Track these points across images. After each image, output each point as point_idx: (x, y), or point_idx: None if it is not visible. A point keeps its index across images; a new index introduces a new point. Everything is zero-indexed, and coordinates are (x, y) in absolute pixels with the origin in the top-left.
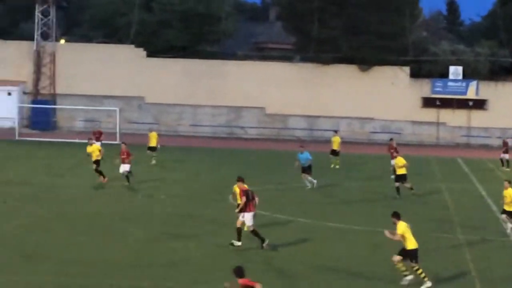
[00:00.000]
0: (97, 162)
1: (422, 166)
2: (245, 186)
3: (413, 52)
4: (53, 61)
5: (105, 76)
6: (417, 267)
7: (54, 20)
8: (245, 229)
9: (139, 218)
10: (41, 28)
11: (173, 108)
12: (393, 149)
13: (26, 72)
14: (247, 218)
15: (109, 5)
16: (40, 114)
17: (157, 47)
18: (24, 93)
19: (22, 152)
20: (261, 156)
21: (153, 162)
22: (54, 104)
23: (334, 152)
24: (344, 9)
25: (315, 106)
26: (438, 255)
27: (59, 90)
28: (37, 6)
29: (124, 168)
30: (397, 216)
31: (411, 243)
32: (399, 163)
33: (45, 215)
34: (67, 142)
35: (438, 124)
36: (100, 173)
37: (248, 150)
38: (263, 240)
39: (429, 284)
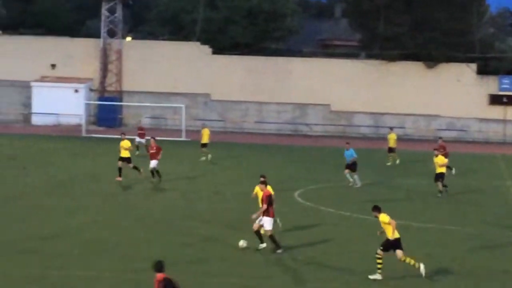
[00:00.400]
0: (127, 159)
1: (488, 163)
2: (269, 189)
3: (479, 49)
4: (119, 58)
5: (171, 73)
6: (380, 256)
7: (121, 17)
8: (262, 232)
9: (204, 214)
10: (108, 26)
11: (239, 105)
12: (441, 148)
13: (92, 70)
14: (267, 223)
15: (175, 2)
16: (107, 111)
17: (223, 44)
18: (91, 90)
19: (89, 148)
20: (326, 153)
21: (203, 158)
22: (121, 101)
23: (391, 150)
24: (410, 6)
25: (381, 103)
26: (505, 252)
27: (125, 87)
28: (103, 4)
29: (152, 164)
30: (377, 209)
31: (395, 233)
32: (440, 162)
33: (112, 211)
34: (133, 139)
35: (505, 121)
36: (136, 168)
37: (312, 148)
38: (278, 247)
39: (379, 277)
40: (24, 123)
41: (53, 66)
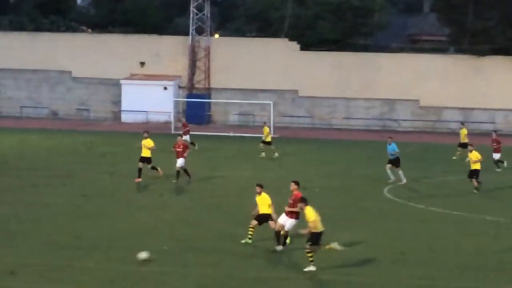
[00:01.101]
0: (147, 159)
1: None
2: (299, 192)
3: None
4: (207, 55)
5: (259, 70)
6: (309, 250)
7: (209, 15)
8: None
9: None
10: (196, 23)
11: (326, 101)
12: (495, 142)
13: (181, 67)
14: (291, 224)
15: None
16: (195, 108)
17: (311, 41)
18: (180, 87)
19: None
20: (415, 149)
21: (262, 154)
22: (209, 98)
23: (462, 145)
24: (499, 0)
25: (470, 98)
26: None
27: (213, 84)
28: (191, 1)
29: (179, 163)
30: (305, 201)
31: (320, 227)
32: (474, 158)
33: (201, 207)
34: (221, 136)
35: None
36: (154, 168)
37: (401, 143)
38: (283, 244)
39: (312, 268)
40: (114, 120)
41: (142, 64)
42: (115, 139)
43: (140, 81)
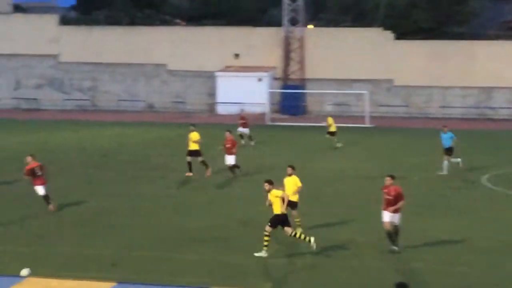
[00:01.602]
0: (195, 153)
1: None
2: (397, 186)
3: None
4: (301, 46)
5: (353, 59)
6: (267, 233)
7: (302, 5)
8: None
9: None
10: (289, 14)
11: (422, 90)
12: None
13: (275, 58)
14: (397, 219)
15: None
16: (290, 99)
17: (405, 29)
18: (274, 78)
19: (273, 137)
20: None
21: (339, 145)
22: (304, 88)
23: None
24: None
25: None
26: None
27: (308, 74)
28: None
29: (229, 160)
30: (270, 183)
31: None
32: None
33: (301, 198)
34: (317, 126)
35: None
36: (204, 163)
37: (499, 132)
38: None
39: (264, 254)
40: (210, 112)
41: (237, 55)
42: (210, 131)
43: (235, 73)
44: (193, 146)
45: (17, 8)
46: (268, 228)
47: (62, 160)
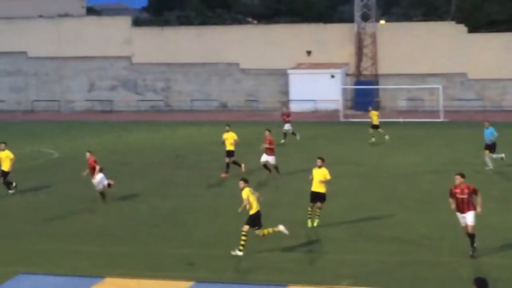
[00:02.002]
0: (232, 153)
1: None
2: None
3: None
4: (374, 42)
5: (426, 54)
6: (245, 233)
7: (374, 1)
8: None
9: None
10: (361, 10)
11: (497, 83)
12: None
13: (347, 54)
14: (472, 217)
15: None
16: (363, 95)
17: (478, 23)
18: (347, 75)
19: (347, 133)
20: None
21: (372, 140)
22: (377, 84)
23: None
24: None
25: None
26: None
27: (380, 70)
28: None
29: (267, 158)
30: (246, 181)
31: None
32: None
33: (376, 194)
34: (390, 122)
35: None
36: (236, 163)
37: None
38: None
39: (239, 253)
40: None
41: (309, 52)
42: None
43: (307, 70)
44: (230, 147)
45: (90, 11)
46: (246, 227)
47: (137, 161)
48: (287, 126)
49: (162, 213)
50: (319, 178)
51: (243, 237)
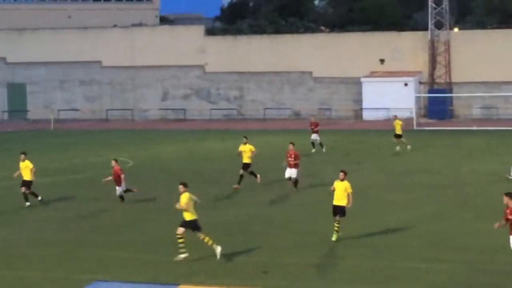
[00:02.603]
0: (247, 165)
1: None
2: None
3: None
4: (447, 50)
5: (501, 62)
6: (202, 237)
7: (447, 9)
8: None
9: None
10: (435, 18)
11: None
12: None
13: (421, 62)
14: None
15: None
16: (437, 103)
17: None
18: (420, 83)
19: (420, 141)
20: None
21: (397, 148)
22: (450, 92)
23: None
24: None
25: None
26: None
27: (454, 78)
28: None
29: (290, 173)
30: (185, 185)
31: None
32: None
33: (450, 203)
34: (464, 130)
35: None
36: (252, 173)
37: None
38: None
39: (218, 249)
40: (355, 118)
41: (382, 61)
42: (357, 137)
43: (381, 78)
44: (246, 159)
45: (164, 20)
46: (180, 229)
47: (210, 169)
48: (314, 136)
49: (234, 221)
50: (341, 191)
51: (180, 240)
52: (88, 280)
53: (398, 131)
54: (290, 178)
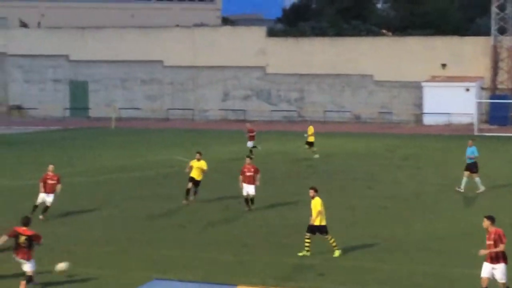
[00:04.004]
0: (196, 182)
1: None
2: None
3: None
4: (510, 55)
5: None
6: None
7: (511, 14)
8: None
9: None
10: (498, 23)
11: None
12: None
13: (483, 68)
14: (502, 272)
15: None
16: (498, 109)
17: None
18: (482, 88)
19: (482, 147)
20: None
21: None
22: None
23: None
24: None
25: None
26: None
27: None
28: (492, 1)
29: (247, 189)
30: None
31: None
32: None
33: (500, 208)
34: None
35: None
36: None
37: None
38: None
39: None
40: (416, 123)
41: (443, 65)
42: (417, 141)
43: (442, 83)
44: (196, 175)
45: (225, 21)
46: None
47: (270, 170)
48: (250, 144)
49: (292, 222)
50: (316, 210)
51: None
52: (146, 278)
53: (310, 138)
54: (247, 195)
